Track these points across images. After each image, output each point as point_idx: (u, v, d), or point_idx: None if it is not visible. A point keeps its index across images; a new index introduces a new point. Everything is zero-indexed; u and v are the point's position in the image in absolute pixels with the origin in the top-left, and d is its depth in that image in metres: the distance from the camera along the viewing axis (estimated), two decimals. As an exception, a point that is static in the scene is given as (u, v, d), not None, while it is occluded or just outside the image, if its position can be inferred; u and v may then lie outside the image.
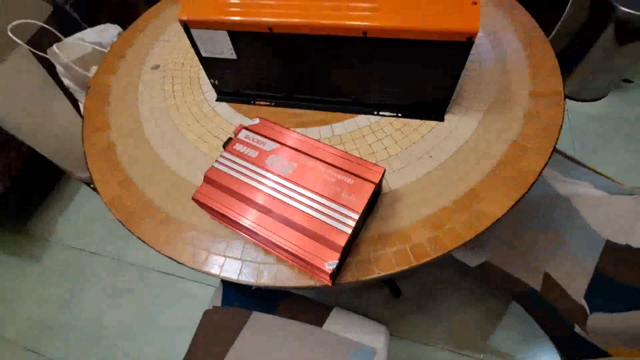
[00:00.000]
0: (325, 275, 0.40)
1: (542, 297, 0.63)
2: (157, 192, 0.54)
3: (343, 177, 0.43)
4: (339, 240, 0.39)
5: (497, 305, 1.03)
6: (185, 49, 0.73)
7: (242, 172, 0.45)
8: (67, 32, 0.87)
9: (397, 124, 0.55)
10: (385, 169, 0.44)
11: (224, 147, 0.49)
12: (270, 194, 0.43)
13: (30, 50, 0.82)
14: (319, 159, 0.45)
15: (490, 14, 0.69)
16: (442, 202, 0.48)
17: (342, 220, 0.40)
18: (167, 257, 0.48)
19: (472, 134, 0.53)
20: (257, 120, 0.50)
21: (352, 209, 0.41)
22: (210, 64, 0.56)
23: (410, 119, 0.55)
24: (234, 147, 0.47)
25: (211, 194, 0.45)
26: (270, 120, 0.50)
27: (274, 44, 0.50)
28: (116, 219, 0.52)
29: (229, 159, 0.46)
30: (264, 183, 0.44)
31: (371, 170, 0.43)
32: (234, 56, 0.53)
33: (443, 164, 0.51)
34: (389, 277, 0.44)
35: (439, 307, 1.05)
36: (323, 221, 0.40)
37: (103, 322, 1.15)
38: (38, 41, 0.84)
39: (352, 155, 0.45)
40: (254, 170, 0.45)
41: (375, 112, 0.57)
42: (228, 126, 0.60)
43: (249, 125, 0.49)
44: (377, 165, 0.43)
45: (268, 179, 0.44)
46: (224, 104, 0.63)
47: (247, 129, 0.49)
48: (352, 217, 0.40)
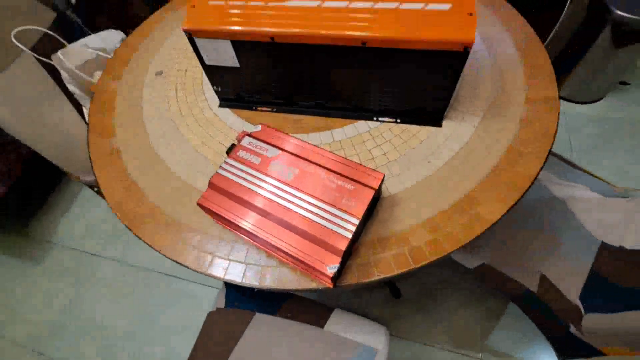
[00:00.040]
0: (326, 278, 0.41)
1: (539, 298, 0.64)
2: (162, 196, 0.56)
3: (343, 182, 0.44)
4: (340, 244, 0.40)
5: (496, 305, 1.04)
6: (188, 55, 0.75)
7: (245, 178, 0.47)
8: (71, 38, 0.88)
9: (396, 130, 0.57)
10: (384, 174, 0.45)
11: (227, 153, 0.50)
12: (272, 199, 0.45)
13: (34, 57, 0.83)
14: (320, 165, 0.46)
15: (487, 20, 0.70)
16: (440, 206, 0.49)
17: (342, 225, 0.41)
18: (173, 260, 0.49)
19: (468, 139, 0.54)
20: (260, 127, 0.51)
21: (352, 214, 0.42)
22: (213, 72, 0.58)
23: (409, 125, 0.57)
24: (237, 154, 0.49)
25: (215, 199, 0.46)
26: (272, 127, 0.51)
27: (276, 53, 0.51)
28: (123, 224, 0.54)
29: (233, 165, 0.48)
30: (266, 189, 0.45)
31: (371, 176, 0.44)
32: (236, 64, 0.55)
33: (441, 168, 0.52)
34: (388, 279, 0.45)
35: (439, 307, 1.06)
36: (324, 226, 0.42)
37: (105, 323, 1.16)
38: (42, 47, 0.85)
39: (352, 161, 0.46)
40: (256, 176, 0.46)
41: (375, 118, 0.58)
42: (230, 131, 0.62)
43: (252, 132, 0.51)
44: (376, 171, 0.45)
45: (270, 184, 0.46)
46: (226, 110, 0.64)
47: (250, 136, 0.50)
48: (353, 222, 0.41)
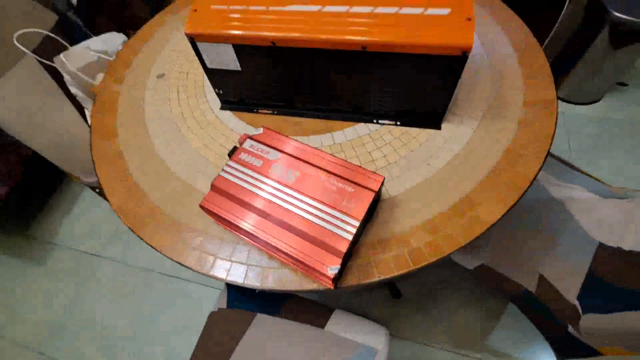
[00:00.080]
0: (327, 279, 0.42)
1: (537, 298, 0.65)
2: (164, 197, 0.56)
3: (344, 185, 0.45)
4: (340, 246, 0.41)
5: (496, 305, 1.05)
6: (190, 58, 0.75)
7: (247, 181, 0.47)
8: (72, 40, 0.89)
9: (396, 132, 0.57)
10: (384, 177, 0.46)
11: (229, 155, 0.51)
12: (274, 202, 0.45)
13: (36, 59, 0.84)
14: (321, 168, 0.47)
15: (485, 23, 0.71)
16: (439, 208, 0.50)
17: (343, 227, 0.42)
18: (175, 262, 0.50)
19: (467, 141, 0.55)
20: (261, 130, 0.52)
21: (352, 216, 0.43)
22: (215, 75, 0.58)
23: (408, 128, 0.57)
24: (239, 157, 0.49)
25: (218, 202, 0.47)
26: (273, 130, 0.52)
27: (277, 57, 0.52)
28: (125, 225, 0.54)
29: (235, 168, 0.48)
30: (268, 191, 0.46)
31: (371, 178, 0.45)
32: (238, 67, 0.55)
33: (440, 170, 0.53)
34: (388, 280, 0.46)
35: (439, 307, 1.07)
36: (325, 228, 0.42)
37: (106, 323, 1.17)
38: (44, 50, 0.86)
39: (352, 164, 0.47)
40: (258, 179, 0.47)
41: (375, 121, 0.59)
42: (231, 134, 0.62)
43: (254, 135, 0.51)
44: (376, 174, 0.45)
45: (272, 187, 0.46)
46: (228, 112, 0.65)
47: (252, 139, 0.51)
48: (353, 224, 0.42)
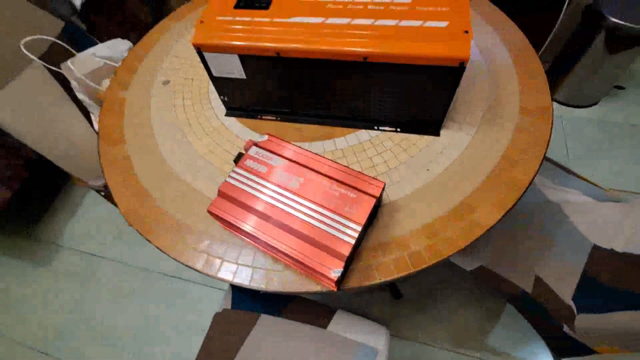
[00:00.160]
0: (330, 282, 0.43)
1: (534, 299, 0.66)
2: (171, 202, 0.58)
3: (346, 191, 0.47)
4: (343, 250, 0.43)
5: (496, 305, 1.07)
6: (194, 64, 0.77)
7: (252, 187, 0.49)
8: (78, 47, 0.90)
9: (396, 139, 0.59)
10: (385, 183, 0.47)
11: (235, 162, 0.53)
12: (278, 207, 0.47)
13: (44, 65, 0.86)
14: (324, 174, 0.49)
15: (483, 31, 0.73)
16: (438, 212, 0.51)
17: (345, 232, 0.44)
18: (184, 265, 0.51)
19: (465, 147, 0.57)
20: (266, 137, 0.54)
21: (354, 221, 0.44)
22: (221, 83, 0.60)
23: (408, 134, 0.59)
24: (245, 163, 0.51)
25: (224, 207, 0.49)
26: (278, 137, 0.54)
27: (281, 66, 0.54)
28: (134, 229, 0.56)
29: (241, 174, 0.50)
30: (272, 196, 0.48)
31: (372, 184, 0.47)
32: (243, 76, 0.57)
33: (439, 176, 0.55)
34: (389, 282, 0.48)
35: (439, 307, 1.08)
36: (328, 232, 0.44)
37: (109, 324, 1.18)
38: (51, 56, 0.87)
39: (354, 170, 0.49)
40: (263, 185, 0.49)
41: (376, 127, 0.60)
42: (236, 140, 0.64)
43: (259, 141, 0.53)
44: (377, 180, 0.47)
45: (276, 192, 0.48)
46: (232, 119, 0.67)
47: (257, 146, 0.53)
48: (355, 229, 0.44)
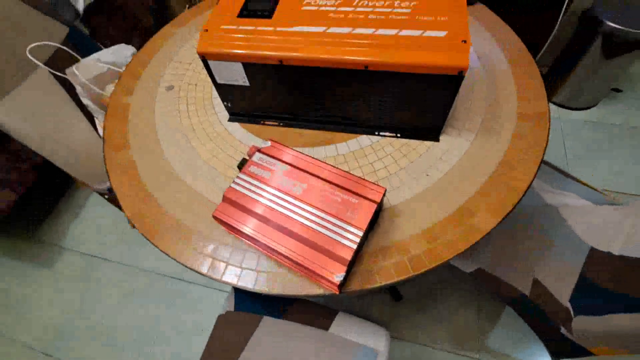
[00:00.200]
0: (333, 285, 0.45)
1: (532, 301, 0.68)
2: (176, 206, 0.59)
3: (348, 196, 0.48)
4: (345, 254, 0.44)
5: (495, 305, 1.08)
6: (197, 70, 0.78)
7: (256, 192, 0.50)
8: (83, 52, 0.92)
9: (396, 144, 0.60)
10: (386, 189, 0.49)
11: (239, 167, 0.54)
12: (281, 212, 0.48)
13: (49, 71, 0.87)
14: (326, 180, 0.50)
15: (481, 38, 0.74)
16: (438, 217, 0.53)
17: (347, 237, 0.45)
18: (189, 268, 0.52)
19: (464, 153, 0.58)
20: (269, 143, 0.55)
21: (356, 226, 0.45)
22: (225, 89, 0.61)
23: (408, 140, 0.60)
24: (249, 169, 0.52)
25: (229, 212, 0.50)
26: (280, 143, 0.55)
27: (284, 73, 0.55)
28: (140, 233, 0.57)
29: (245, 180, 0.51)
30: (275, 202, 0.49)
31: (373, 190, 0.48)
32: (246, 83, 0.58)
33: (439, 181, 0.56)
34: (390, 285, 0.49)
35: (439, 307, 1.09)
36: (331, 237, 0.45)
37: (112, 325, 1.19)
38: (56, 62, 0.89)
39: (355, 176, 0.50)
40: (267, 191, 0.50)
41: (376, 133, 0.62)
42: (239, 145, 0.65)
43: (262, 147, 0.54)
44: (378, 186, 0.48)
45: (280, 198, 0.49)
46: (236, 124, 0.68)
47: (260, 152, 0.54)
48: (357, 234, 0.45)
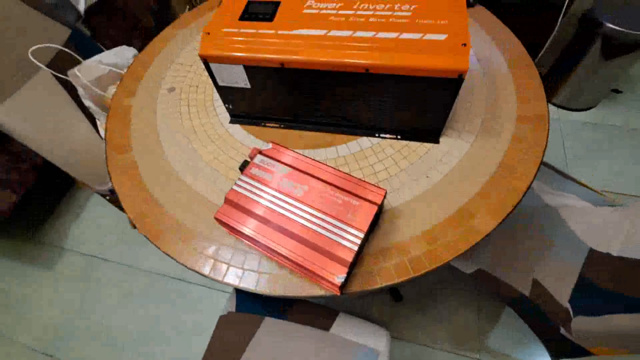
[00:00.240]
0: (334, 286, 0.45)
1: (532, 302, 0.68)
2: (178, 208, 0.59)
3: (349, 198, 0.48)
4: (346, 256, 0.44)
5: (495, 305, 1.08)
6: (199, 71, 0.78)
7: (257, 194, 0.51)
8: (84, 54, 0.92)
9: (397, 146, 0.61)
10: (386, 190, 0.49)
11: (240, 169, 0.54)
12: (282, 214, 0.49)
13: (51, 73, 0.87)
14: (327, 182, 0.50)
15: (481, 40, 0.75)
16: (438, 218, 0.53)
17: (349, 239, 0.45)
18: (191, 269, 0.53)
19: (464, 155, 0.58)
20: (270, 145, 0.55)
21: (357, 227, 0.46)
22: (226, 92, 0.62)
23: (409, 142, 0.61)
24: (250, 171, 0.53)
25: (231, 214, 0.50)
26: (281, 145, 0.55)
27: (285, 76, 0.55)
28: (142, 234, 0.58)
29: (246, 182, 0.52)
30: (277, 204, 0.50)
31: (374, 192, 0.48)
32: (247, 85, 0.59)
33: (439, 182, 0.56)
34: (390, 286, 0.49)
35: (439, 307, 1.10)
36: (332, 239, 0.46)
37: (113, 326, 1.20)
38: (58, 63, 0.89)
39: (356, 178, 0.50)
40: (268, 193, 0.50)
41: (377, 134, 0.62)
42: (241, 147, 0.65)
43: (263, 150, 0.55)
44: (379, 188, 0.49)
45: (281, 199, 0.50)
46: (237, 126, 0.68)
47: (262, 154, 0.54)
48: (358, 236, 0.45)
